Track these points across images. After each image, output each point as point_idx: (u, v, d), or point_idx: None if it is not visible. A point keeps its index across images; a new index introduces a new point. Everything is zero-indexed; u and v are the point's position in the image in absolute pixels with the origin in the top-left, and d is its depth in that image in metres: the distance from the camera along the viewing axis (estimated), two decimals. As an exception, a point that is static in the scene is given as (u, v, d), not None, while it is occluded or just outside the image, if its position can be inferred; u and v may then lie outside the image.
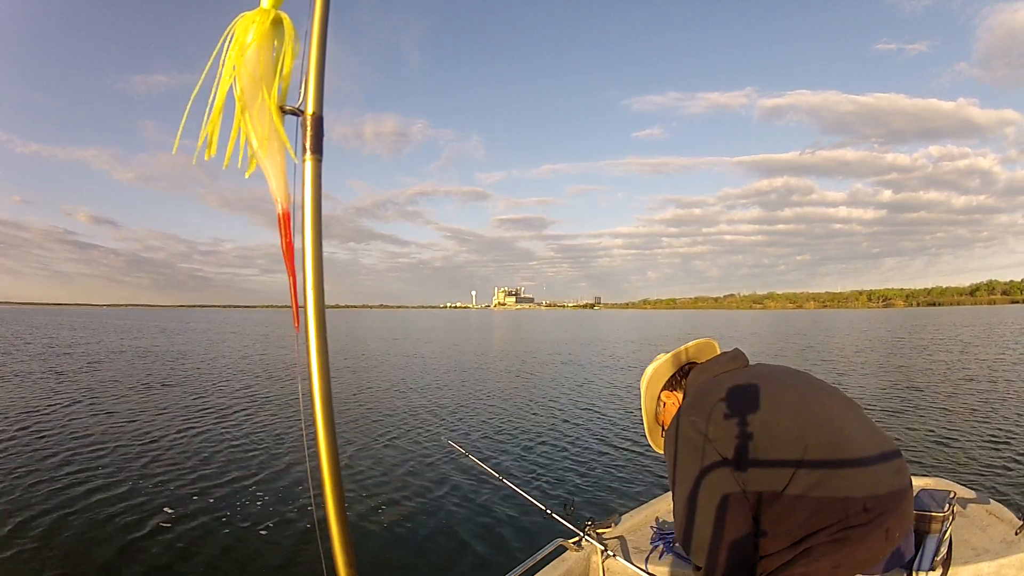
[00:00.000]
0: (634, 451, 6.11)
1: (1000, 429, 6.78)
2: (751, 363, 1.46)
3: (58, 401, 9.11)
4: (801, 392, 1.31)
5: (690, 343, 1.53)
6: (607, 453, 6.12)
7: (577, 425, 7.57)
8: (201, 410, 8.49)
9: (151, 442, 6.46)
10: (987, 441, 6.25)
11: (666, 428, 1.47)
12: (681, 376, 1.49)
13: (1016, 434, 6.52)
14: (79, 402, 9.04)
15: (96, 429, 7.09)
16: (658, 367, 1.52)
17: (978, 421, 7.26)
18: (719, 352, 1.52)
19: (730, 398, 1.26)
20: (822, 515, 1.13)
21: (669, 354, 1.53)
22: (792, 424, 1.21)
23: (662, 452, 1.45)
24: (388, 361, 17.03)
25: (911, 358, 15.76)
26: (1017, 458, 5.57)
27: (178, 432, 6.99)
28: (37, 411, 8.19)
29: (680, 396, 1.48)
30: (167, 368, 14.25)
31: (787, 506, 1.15)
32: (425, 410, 8.77)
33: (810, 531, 1.14)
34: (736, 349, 1.48)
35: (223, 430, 7.15)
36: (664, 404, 1.52)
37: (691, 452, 1.23)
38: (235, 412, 8.35)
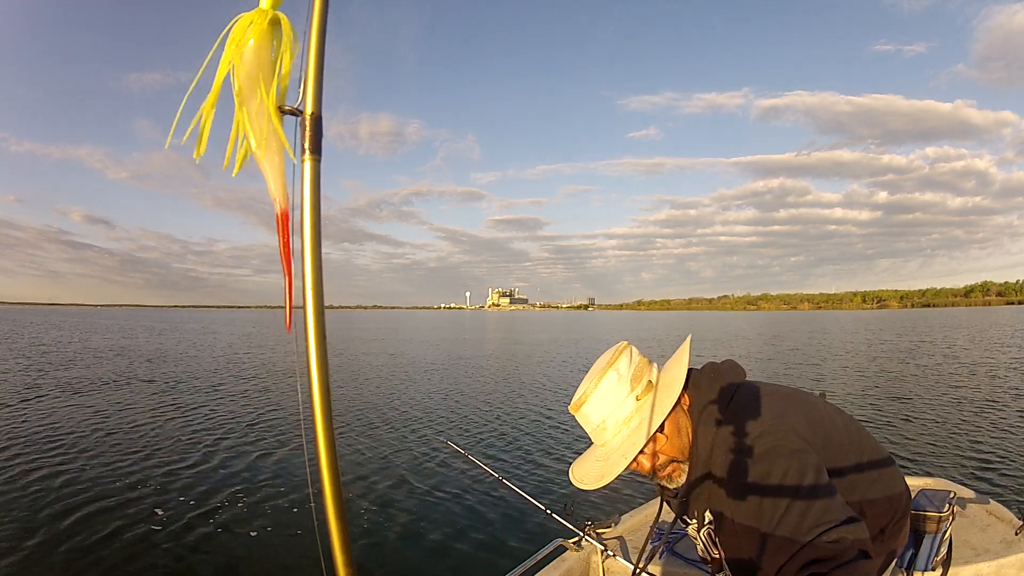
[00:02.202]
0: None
1: (999, 429, 6.78)
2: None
3: (51, 402, 9.09)
4: (820, 401, 1.30)
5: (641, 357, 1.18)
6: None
7: (578, 425, 7.56)
8: (199, 411, 8.48)
9: (148, 443, 6.46)
10: (986, 441, 6.25)
11: (661, 459, 1.16)
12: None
13: (1015, 434, 6.53)
14: (72, 403, 9.03)
15: (92, 430, 7.08)
16: (621, 384, 1.13)
17: (977, 421, 7.26)
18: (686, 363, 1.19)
19: (787, 405, 1.13)
20: (880, 517, 1.15)
21: (635, 364, 1.16)
22: (839, 429, 1.20)
23: (609, 477, 1.13)
24: (386, 362, 17.02)
25: (908, 359, 15.76)
26: (1017, 458, 5.57)
27: (176, 433, 6.98)
28: (28, 409, 8.19)
29: (684, 421, 1.16)
30: (164, 370, 14.24)
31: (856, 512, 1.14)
32: (425, 410, 8.76)
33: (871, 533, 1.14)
34: (728, 360, 1.26)
35: (222, 430, 7.14)
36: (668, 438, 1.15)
37: (803, 459, 1.02)
38: (234, 412, 8.34)
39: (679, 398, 1.12)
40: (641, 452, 1.10)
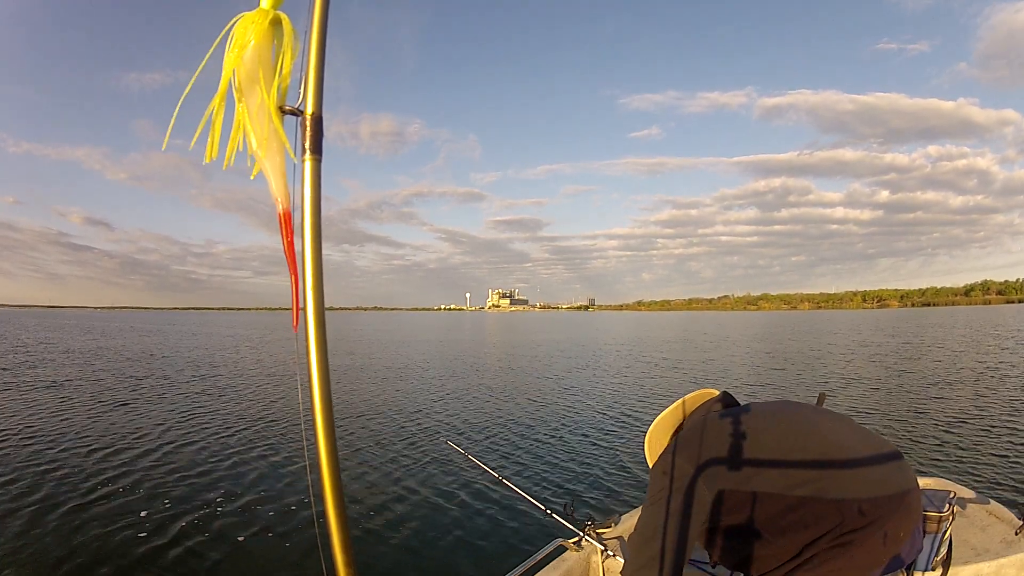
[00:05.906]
0: (634, 452, 6.11)
1: (999, 429, 6.78)
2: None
3: (53, 405, 9.09)
4: (785, 409, 1.33)
5: (688, 395, 1.50)
6: (607, 453, 6.11)
7: (577, 425, 7.57)
8: (200, 411, 8.48)
9: (148, 444, 6.46)
10: (987, 441, 6.25)
11: None
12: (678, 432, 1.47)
13: (1015, 434, 6.52)
14: (74, 405, 9.03)
15: (92, 432, 7.08)
16: (654, 432, 1.49)
17: (977, 421, 7.26)
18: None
19: (711, 431, 1.27)
20: (820, 521, 1.12)
21: (667, 410, 1.50)
22: (774, 434, 1.23)
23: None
24: (385, 363, 17.03)
25: (907, 359, 15.76)
26: (1017, 458, 5.57)
27: (177, 434, 6.98)
28: (35, 416, 8.18)
29: None
30: (165, 371, 14.25)
31: (782, 514, 1.14)
32: (424, 411, 8.77)
33: (810, 539, 1.12)
34: (724, 392, 1.47)
35: (223, 431, 7.14)
36: None
37: (664, 481, 1.23)
38: (235, 413, 8.35)
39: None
40: None
